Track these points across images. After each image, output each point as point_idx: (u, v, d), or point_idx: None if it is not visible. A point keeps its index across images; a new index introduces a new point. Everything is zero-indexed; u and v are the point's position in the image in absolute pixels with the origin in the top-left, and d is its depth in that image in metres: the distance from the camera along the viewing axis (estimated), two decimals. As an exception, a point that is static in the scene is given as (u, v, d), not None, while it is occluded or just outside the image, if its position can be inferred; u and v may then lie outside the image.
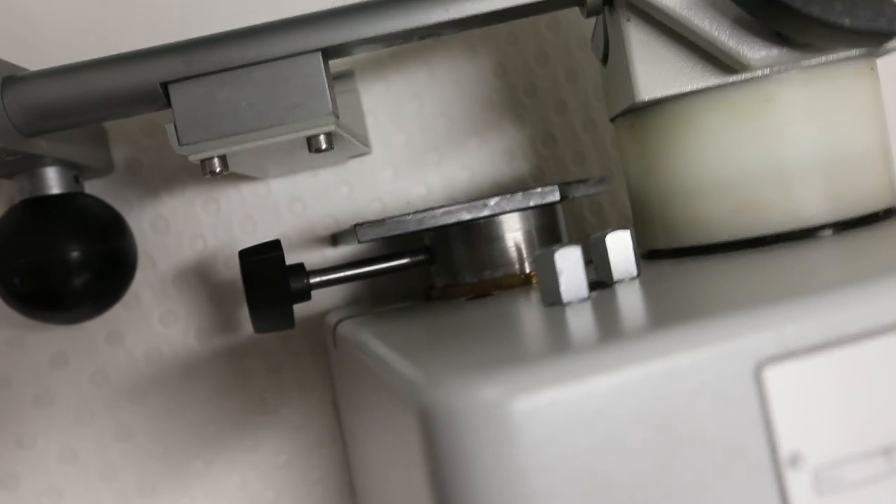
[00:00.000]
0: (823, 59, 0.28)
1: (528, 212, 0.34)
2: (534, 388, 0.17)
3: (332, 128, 0.29)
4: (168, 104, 0.29)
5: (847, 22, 0.23)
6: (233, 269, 0.39)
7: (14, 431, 0.37)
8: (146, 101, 0.29)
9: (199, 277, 0.39)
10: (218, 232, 0.40)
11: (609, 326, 0.20)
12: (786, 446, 0.17)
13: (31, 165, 0.33)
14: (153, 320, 0.39)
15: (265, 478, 0.40)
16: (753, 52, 0.27)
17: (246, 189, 0.40)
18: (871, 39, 0.24)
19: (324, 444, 0.40)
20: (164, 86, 0.29)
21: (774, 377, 0.17)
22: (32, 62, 0.31)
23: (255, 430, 0.40)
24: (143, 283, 0.38)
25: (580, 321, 0.21)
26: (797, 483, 0.17)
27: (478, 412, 0.17)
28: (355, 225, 0.31)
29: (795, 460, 0.17)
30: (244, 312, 0.40)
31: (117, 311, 0.38)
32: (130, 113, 0.30)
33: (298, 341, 0.40)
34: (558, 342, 0.19)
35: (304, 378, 0.40)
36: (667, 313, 0.20)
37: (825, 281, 0.20)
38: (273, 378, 0.40)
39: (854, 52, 0.28)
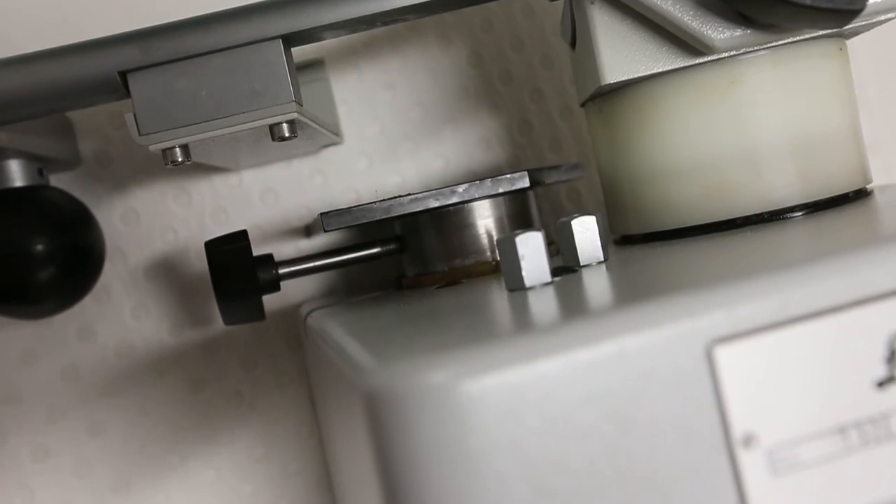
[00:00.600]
0: (790, 39, 0.28)
1: (500, 199, 0.34)
2: (480, 371, 0.16)
3: (294, 115, 0.29)
4: (127, 93, 0.29)
5: (808, 0, 0.23)
6: (205, 262, 0.39)
7: (-16, 428, 0.37)
8: (105, 91, 0.29)
9: (171, 270, 0.39)
10: (189, 224, 0.39)
11: (563, 310, 0.19)
12: (739, 426, 0.17)
13: (-7, 159, 0.32)
14: (125, 314, 0.38)
15: (242, 471, 0.40)
16: (717, 33, 0.27)
17: (218, 180, 0.40)
18: (832, 18, 0.24)
19: (301, 436, 0.40)
20: (123, 75, 0.29)
21: (726, 356, 0.17)
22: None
23: (231, 423, 0.39)
24: (113, 276, 0.38)
25: (538, 305, 0.21)
26: (751, 463, 0.17)
27: (424, 396, 0.16)
28: (321, 214, 0.30)
29: (749, 441, 0.17)
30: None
31: (88, 306, 0.37)
32: (89, 103, 0.30)
33: (273, 334, 0.40)
34: (508, 326, 0.19)
35: (279, 371, 0.40)
36: (623, 296, 0.20)
37: (780, 261, 0.20)
38: (248, 371, 0.40)
39: (822, 32, 0.28)
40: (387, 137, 0.42)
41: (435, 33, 0.42)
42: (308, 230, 0.40)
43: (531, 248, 0.24)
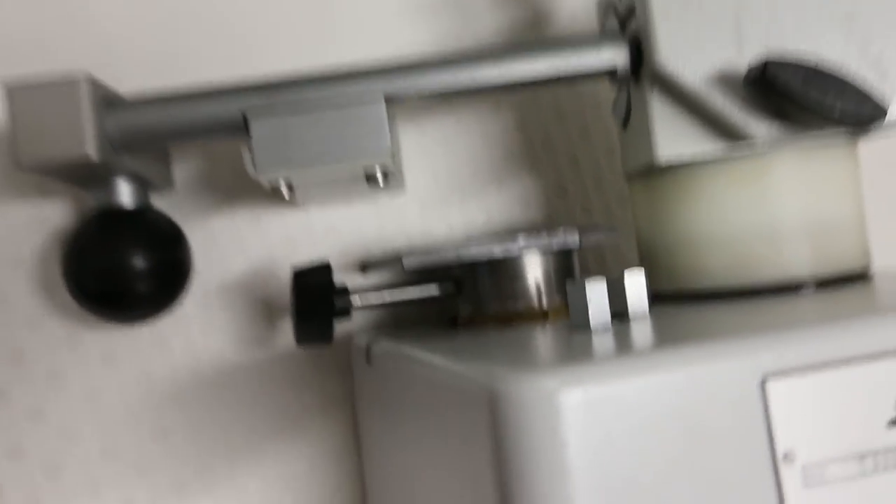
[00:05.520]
0: (815, 139, 0.33)
1: (549, 254, 0.38)
2: (582, 382, 0.21)
3: (389, 164, 0.33)
4: (247, 133, 0.33)
5: (838, 107, 0.28)
6: (271, 288, 0.43)
7: (61, 423, 0.40)
8: (228, 129, 0.33)
9: (240, 293, 0.43)
10: (260, 252, 0.43)
11: (639, 343, 0.24)
12: (781, 445, 0.21)
13: (108, 178, 0.37)
14: (195, 329, 0.42)
15: (285, 484, 0.43)
16: (758, 127, 0.32)
17: (289, 215, 0.44)
18: (857, 124, 0.29)
19: (342, 457, 0.44)
20: (245, 117, 0.33)
21: (776, 389, 0.21)
22: (122, 84, 0.35)
23: (279, 439, 0.43)
24: (189, 293, 0.42)
25: (611, 340, 0.25)
26: (789, 475, 0.21)
27: (539, 399, 0.20)
28: (401, 252, 0.34)
29: (788, 457, 0.21)
30: (278, 328, 0.43)
31: (164, 318, 0.41)
32: (212, 138, 0.34)
33: (325, 360, 0.44)
34: (598, 351, 0.23)
35: (327, 395, 0.44)
36: (686, 335, 0.24)
37: (818, 317, 0.24)
38: (299, 392, 0.43)
39: (839, 135, 0.33)
40: (439, 189, 0.46)
41: (488, 100, 0.47)
42: (363, 267, 0.44)
43: (597, 294, 0.28)
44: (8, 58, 0.40)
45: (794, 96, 0.29)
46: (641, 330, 0.27)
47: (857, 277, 0.35)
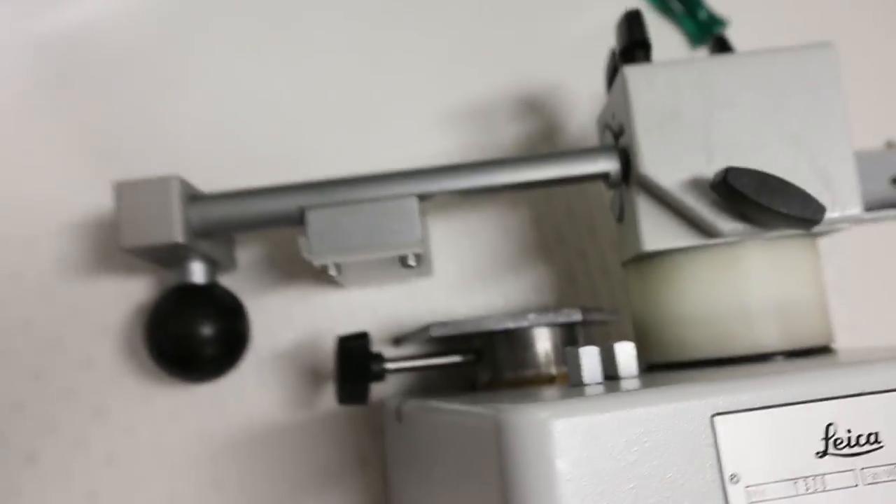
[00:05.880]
0: (778, 233, 0.39)
1: (556, 329, 0.44)
2: (569, 414, 0.27)
3: (420, 250, 0.40)
4: (303, 223, 0.40)
5: (784, 209, 0.35)
6: (316, 357, 0.50)
7: (132, 470, 0.46)
8: (288, 221, 0.41)
9: (289, 360, 0.49)
10: (307, 326, 0.50)
11: (617, 390, 0.30)
12: (728, 469, 0.27)
13: (185, 259, 0.44)
14: (250, 391, 0.48)
15: (321, 534, 0.48)
16: (725, 224, 0.38)
17: (332, 295, 0.51)
18: (801, 224, 0.35)
19: (371, 509, 0.49)
20: (302, 210, 0.40)
21: (722, 424, 0.27)
22: (204, 182, 0.42)
23: (319, 491, 0.48)
24: (246, 359, 0.48)
25: (598, 390, 0.31)
26: (735, 494, 0.27)
27: (535, 427, 0.26)
28: (430, 324, 0.41)
29: (734, 478, 0.27)
30: (321, 393, 0.49)
31: (223, 380, 0.48)
32: (274, 227, 0.41)
33: (361, 421, 0.50)
34: (583, 395, 0.29)
35: (362, 452, 0.49)
36: (658, 384, 0.30)
37: (760, 372, 0.30)
38: (338, 449, 0.49)
39: (794, 230, 0.40)
40: (462, 275, 0.53)
41: (508, 199, 0.55)
42: (396, 340, 0.51)
43: (590, 357, 0.34)
44: (116, 161, 0.48)
45: (749, 199, 0.35)
46: (626, 384, 0.33)
47: (820, 350, 0.40)
